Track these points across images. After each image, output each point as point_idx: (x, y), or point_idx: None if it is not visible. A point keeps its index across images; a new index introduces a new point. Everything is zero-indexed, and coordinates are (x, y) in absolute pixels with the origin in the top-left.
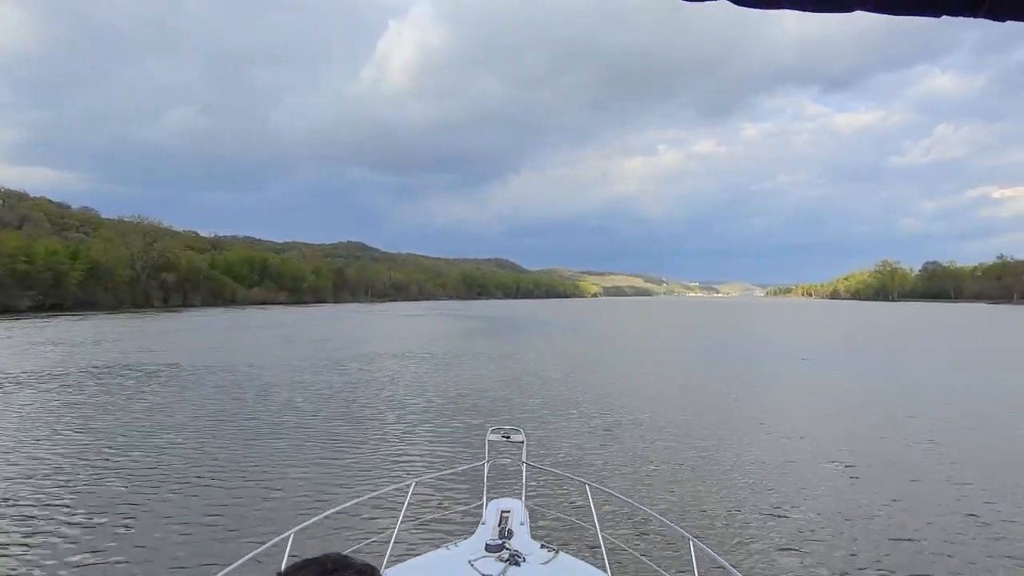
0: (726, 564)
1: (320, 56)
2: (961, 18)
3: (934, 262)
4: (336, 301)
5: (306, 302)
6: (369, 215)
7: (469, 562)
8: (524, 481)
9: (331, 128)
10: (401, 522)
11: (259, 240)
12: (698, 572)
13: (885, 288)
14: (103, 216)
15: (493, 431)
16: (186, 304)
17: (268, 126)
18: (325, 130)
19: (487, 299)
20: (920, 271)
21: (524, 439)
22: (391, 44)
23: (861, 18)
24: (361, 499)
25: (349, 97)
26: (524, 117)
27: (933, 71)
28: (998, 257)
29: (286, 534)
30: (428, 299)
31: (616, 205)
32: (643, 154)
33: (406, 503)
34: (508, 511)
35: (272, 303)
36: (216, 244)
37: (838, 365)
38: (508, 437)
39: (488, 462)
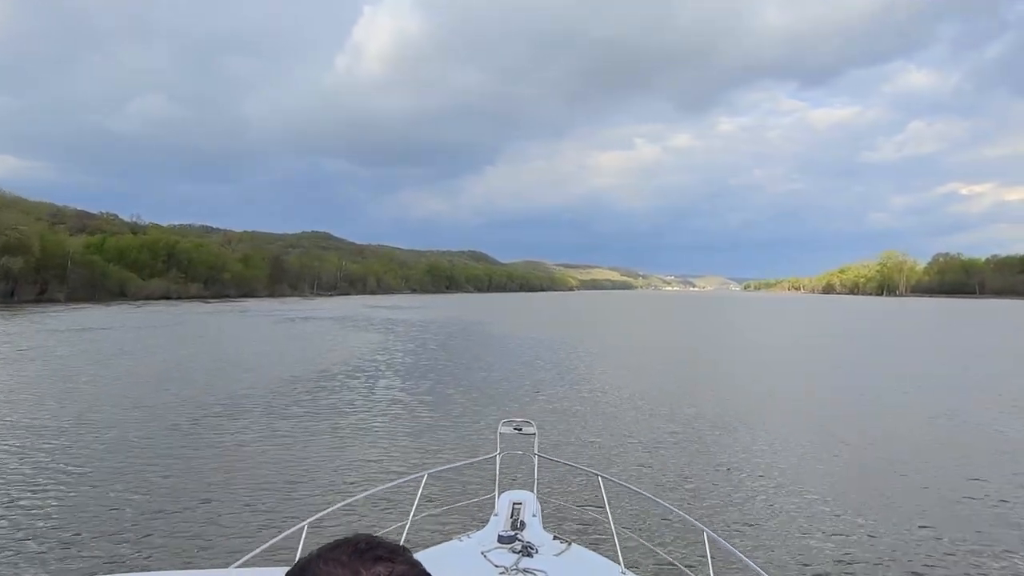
0: (740, 555)
1: (294, 43)
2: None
3: (945, 254)
4: (272, 295)
5: (228, 296)
6: (342, 207)
7: (482, 553)
8: (536, 473)
9: (305, 118)
10: (414, 513)
11: (216, 229)
12: (712, 563)
13: (891, 282)
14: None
15: (505, 423)
16: (43, 299)
17: (239, 115)
18: (298, 120)
19: (456, 293)
20: (929, 263)
21: (536, 431)
22: (366, 31)
23: (841, 12)
24: (374, 490)
25: (323, 86)
26: (501, 109)
27: (908, 67)
28: None
29: (300, 525)
30: (387, 293)
31: (593, 199)
32: (620, 148)
33: (419, 494)
34: (520, 503)
35: (180, 297)
36: (136, 228)
37: None
38: (520, 429)
39: (500, 454)
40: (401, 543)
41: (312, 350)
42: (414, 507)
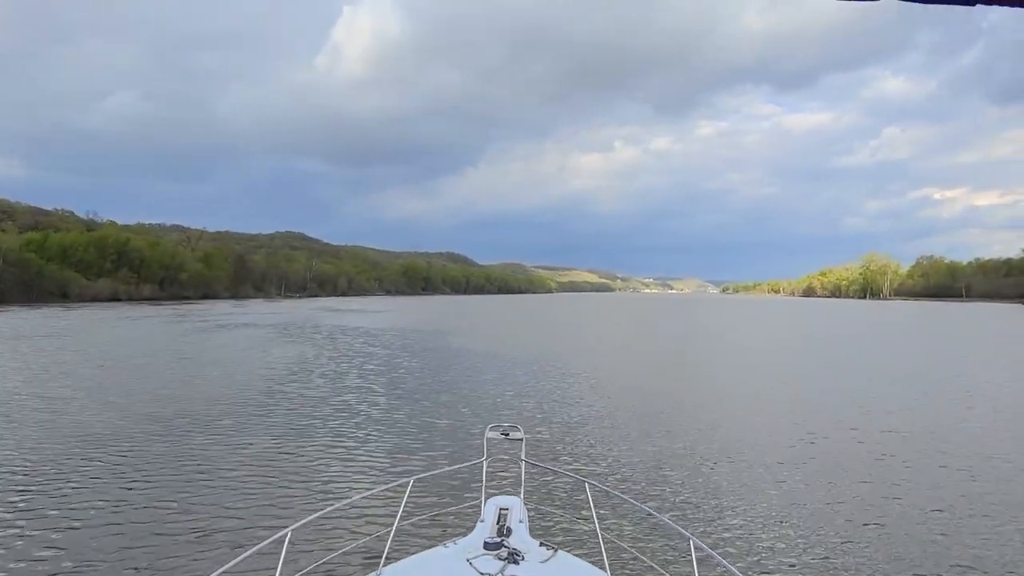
0: (725, 563)
1: (271, 42)
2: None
3: (928, 256)
4: (235, 296)
5: (187, 298)
6: (319, 207)
7: (467, 560)
8: (523, 479)
9: (282, 117)
10: (400, 519)
11: (187, 229)
12: (698, 571)
13: (874, 285)
14: None
15: (492, 428)
16: None
17: (216, 114)
18: (276, 120)
19: (432, 295)
20: (913, 266)
21: (523, 437)
22: (346, 31)
23: (820, 17)
24: (359, 496)
25: (301, 86)
26: (482, 110)
27: (885, 73)
28: (1023, 249)
29: (284, 531)
30: (360, 294)
31: (573, 200)
32: (600, 150)
33: (404, 500)
34: (507, 509)
35: (131, 299)
36: (92, 225)
37: None
38: (507, 435)
39: (487, 459)
40: (386, 549)
41: (190, 373)
42: (399, 513)
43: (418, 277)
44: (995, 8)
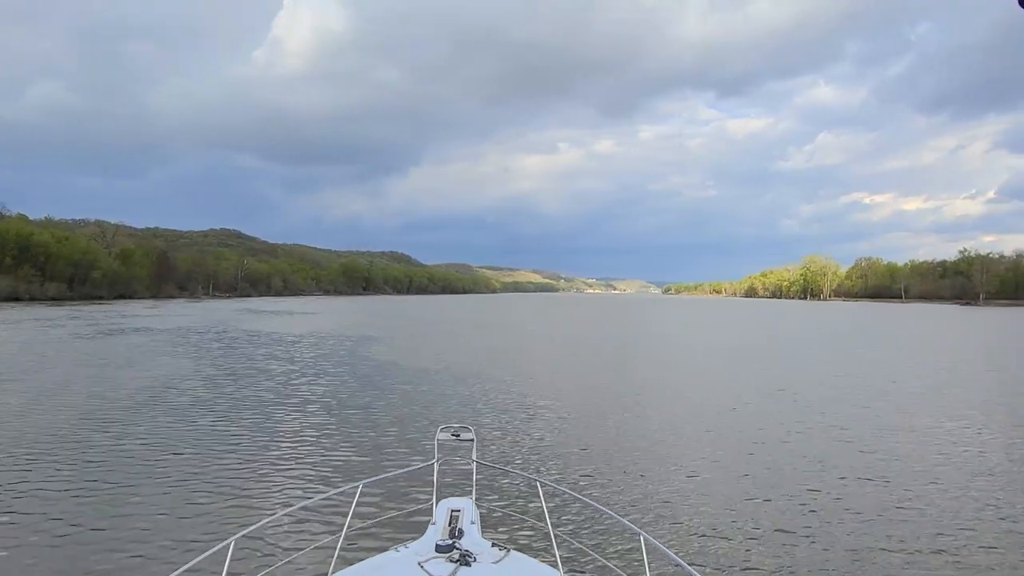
0: (676, 558)
1: (208, 34)
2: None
3: (867, 258)
4: (156, 296)
5: (100, 298)
6: (257, 206)
7: (419, 563)
8: (474, 480)
9: (218, 112)
10: (349, 525)
11: (114, 225)
12: (649, 566)
13: (814, 286)
14: None
15: (443, 430)
16: None
17: (147, 107)
18: (212, 114)
19: (373, 295)
20: (851, 267)
21: (474, 437)
22: (286, 25)
23: (757, 27)
24: (307, 502)
25: (239, 80)
26: (425, 109)
27: (818, 81)
28: (960, 252)
29: (228, 541)
30: (296, 294)
31: (517, 202)
32: (543, 152)
33: (354, 505)
34: (458, 510)
35: (33, 299)
36: None
37: None
38: (458, 436)
39: (438, 461)
40: (335, 555)
41: None
42: (348, 518)
43: (358, 276)
44: (923, 21)
